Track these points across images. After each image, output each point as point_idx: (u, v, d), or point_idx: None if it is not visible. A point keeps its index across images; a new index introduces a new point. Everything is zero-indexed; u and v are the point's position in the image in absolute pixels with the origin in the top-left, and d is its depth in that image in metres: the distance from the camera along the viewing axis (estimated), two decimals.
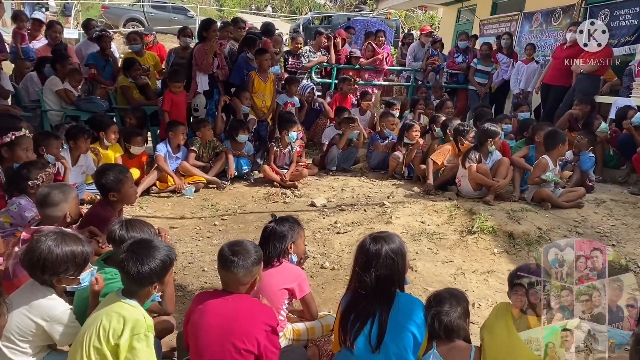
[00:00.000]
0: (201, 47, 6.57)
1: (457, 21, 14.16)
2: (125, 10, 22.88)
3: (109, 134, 5.56)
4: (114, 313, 2.18)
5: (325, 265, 4.11)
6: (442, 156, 6.05)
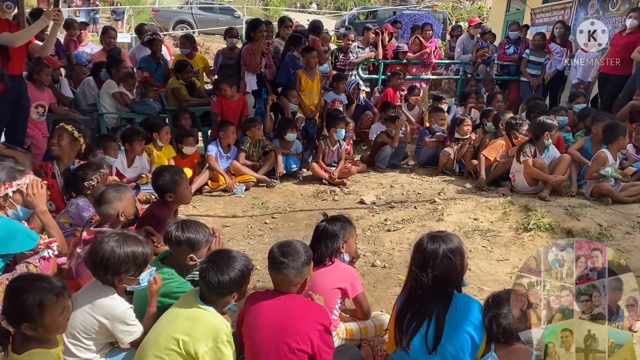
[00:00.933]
0: (249, 47, 6.64)
1: (507, 11, 13.74)
2: (175, 12, 23.46)
3: (162, 135, 5.71)
4: (194, 319, 2.26)
5: (376, 263, 4.08)
6: (495, 151, 5.89)
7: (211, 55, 14.82)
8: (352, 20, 22.10)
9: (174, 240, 2.71)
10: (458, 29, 11.19)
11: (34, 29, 4.80)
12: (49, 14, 4.66)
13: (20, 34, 4.72)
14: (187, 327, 2.24)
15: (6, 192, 2.78)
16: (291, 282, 2.41)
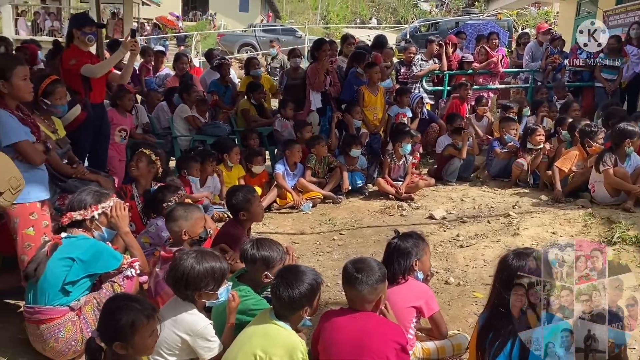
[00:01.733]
0: (314, 66, 6.74)
1: (577, 15, 13.21)
2: (239, 36, 24.25)
3: (232, 155, 5.88)
4: (270, 336, 2.30)
5: (449, 280, 3.98)
6: (569, 162, 5.64)
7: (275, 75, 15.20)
8: (414, 33, 21.97)
9: (250, 258, 2.78)
10: (525, 37, 10.86)
11: (113, 60, 5.09)
12: (126, 45, 4.93)
13: (101, 65, 5.00)
14: (264, 344, 2.28)
15: (92, 215, 2.93)
16: (365, 298, 2.40)
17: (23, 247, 3.17)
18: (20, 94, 3.21)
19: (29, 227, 3.16)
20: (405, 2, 38.71)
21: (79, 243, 2.82)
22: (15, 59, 3.40)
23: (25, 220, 3.16)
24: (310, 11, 38.99)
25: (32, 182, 3.06)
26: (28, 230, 3.16)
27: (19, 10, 20.53)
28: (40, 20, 20.20)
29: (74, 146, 4.58)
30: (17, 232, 3.16)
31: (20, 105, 3.29)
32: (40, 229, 3.20)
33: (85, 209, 2.91)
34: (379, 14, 39.92)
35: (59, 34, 18.99)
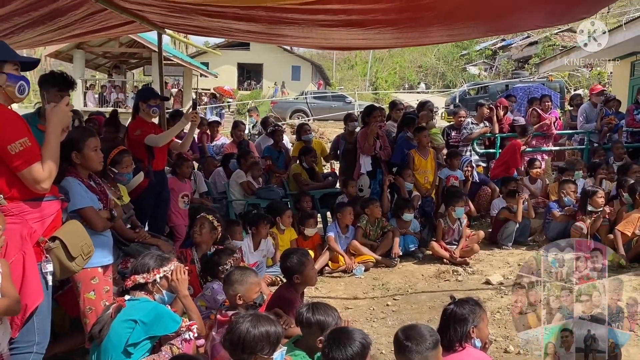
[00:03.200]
0: (363, 131, 6.91)
1: (631, 75, 13.01)
2: (291, 103, 25.17)
3: (284, 218, 5.99)
4: None
5: (509, 349, 3.82)
6: (631, 225, 5.43)
7: (325, 139, 15.55)
8: (463, 97, 22.15)
9: (305, 322, 2.80)
10: (578, 98, 10.78)
11: (175, 130, 5.40)
12: (188, 116, 5.24)
13: (163, 136, 5.31)
14: None
15: (154, 278, 3.05)
16: None
17: (85, 311, 3.30)
18: (91, 164, 3.43)
19: (90, 291, 3.30)
20: (453, 66, 39.29)
21: (141, 305, 2.93)
22: (87, 131, 3.65)
23: (87, 285, 3.29)
24: (359, 78, 40.15)
25: (94, 247, 3.21)
26: (89, 294, 3.29)
27: (88, 84, 22.14)
28: (106, 92, 21.69)
29: (136, 211, 4.82)
30: (80, 296, 3.30)
31: (92, 174, 3.52)
32: (100, 294, 3.34)
33: (148, 272, 3.03)
34: (427, 79, 40.60)
35: (124, 105, 20.27)
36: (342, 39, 6.00)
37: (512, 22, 5.50)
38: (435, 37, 6.20)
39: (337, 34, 5.47)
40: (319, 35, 5.57)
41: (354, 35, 5.66)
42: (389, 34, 5.42)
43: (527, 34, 33.47)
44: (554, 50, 24.60)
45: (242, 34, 6.39)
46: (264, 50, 33.95)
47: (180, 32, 8.22)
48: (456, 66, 39.21)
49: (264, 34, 5.86)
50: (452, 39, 9.45)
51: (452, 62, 39.60)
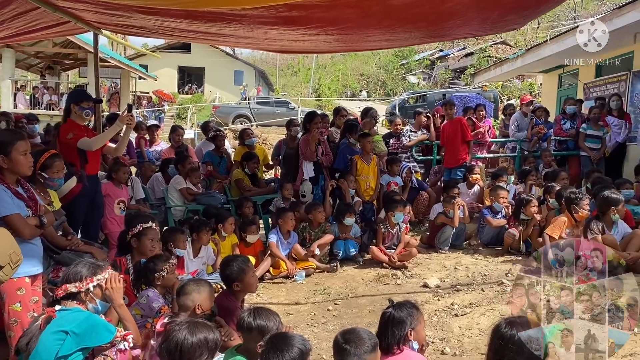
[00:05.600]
0: (305, 137, 6.96)
1: (559, 87, 13.76)
2: (234, 108, 24.96)
3: (226, 225, 5.91)
4: None
5: (445, 351, 3.93)
6: (558, 229, 5.72)
7: (268, 145, 15.52)
8: (402, 105, 22.70)
9: (246, 327, 2.78)
10: (510, 107, 11.27)
11: (109, 133, 5.21)
12: (122, 119, 5.07)
13: (97, 139, 5.12)
14: None
15: (87, 287, 2.93)
16: None
17: (9, 323, 3.14)
18: (20, 169, 3.27)
19: (16, 302, 3.14)
20: (393, 75, 40.21)
21: (73, 316, 2.80)
22: (15, 134, 3.48)
23: (13, 296, 3.14)
24: (302, 84, 40.35)
25: (22, 255, 3.06)
26: (14, 305, 3.14)
27: (18, 85, 21.07)
28: (38, 94, 20.71)
29: (68, 217, 4.62)
30: (4, 307, 3.14)
31: (20, 180, 3.35)
32: (27, 305, 3.18)
33: (81, 281, 2.91)
34: (368, 87, 41.33)
35: (57, 107, 19.43)
36: (284, 40, 6.00)
37: (446, 30, 5.68)
38: (374, 42, 6.33)
39: (278, 33, 5.47)
40: (260, 35, 5.54)
41: (295, 37, 5.68)
42: (329, 35, 5.48)
43: (464, 46, 34.83)
44: (488, 62, 25.65)
45: (182, 34, 6.27)
46: (206, 54, 33.51)
47: (118, 32, 7.98)
48: (396, 75, 40.16)
49: (203, 33, 5.78)
50: (390, 45, 9.66)
51: (392, 70, 40.53)
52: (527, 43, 25.97)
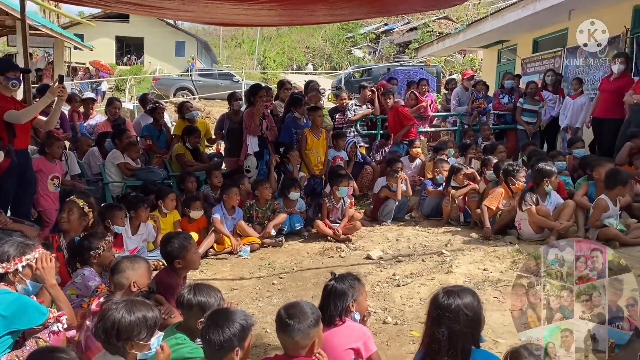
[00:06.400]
0: (249, 111, 6.84)
1: (498, 62, 14.15)
2: (175, 80, 24.18)
3: (167, 202, 5.77)
4: None
5: (387, 320, 4.02)
6: (495, 200, 5.93)
7: (212, 119, 15.18)
8: (348, 79, 22.72)
9: (186, 304, 2.73)
10: (452, 82, 11.50)
11: (39, 106, 4.93)
12: (53, 90, 4.80)
13: (26, 111, 4.84)
14: None
15: (16, 268, 2.79)
16: (299, 344, 2.38)
17: None
18: None
19: None
20: (339, 48, 40.06)
21: (1, 298, 2.66)
22: None
23: None
24: (247, 56, 39.56)
25: None
26: None
27: None
28: None
29: None
30: None
31: None
32: None
33: (8, 261, 2.76)
34: (314, 60, 41.05)
35: None
36: (226, 14, 5.84)
37: (390, 6, 5.68)
38: (319, 16, 6.27)
39: (220, 8, 5.31)
40: (201, 9, 5.37)
41: (239, 11, 5.53)
42: (273, 10, 5.36)
43: (408, 20, 35.05)
44: (431, 36, 25.98)
45: (118, 5, 5.98)
46: (145, 23, 32.14)
47: None
48: (342, 48, 40.01)
49: (141, 5, 5.53)
50: (335, 19, 9.61)
51: (338, 44, 40.34)
52: (468, 19, 26.42)
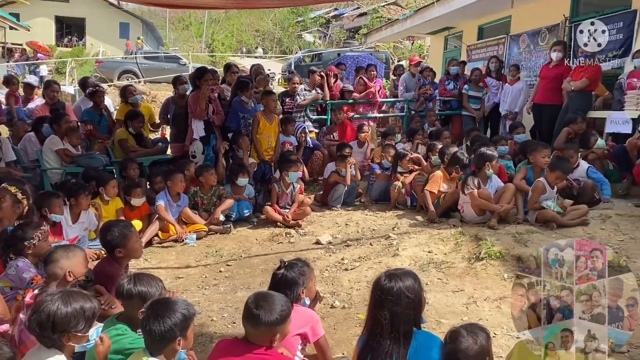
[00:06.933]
0: (195, 94, 6.67)
1: (445, 49, 14.38)
2: (119, 63, 23.32)
3: (108, 189, 5.58)
4: None
5: (335, 304, 4.05)
6: (436, 184, 6.06)
7: (158, 103, 14.75)
8: (298, 64, 22.57)
9: (126, 294, 2.64)
10: (400, 68, 11.62)
11: None
12: None
13: None
14: None
15: None
16: (261, 336, 2.35)
17: None
18: None
19: None
20: (289, 32, 39.71)
21: None
22: None
23: None
24: (194, 39, 38.61)
25: None
26: None
27: None
28: None
29: None
30: None
31: None
32: None
33: None
34: (264, 44, 40.53)
35: None
36: None
37: None
38: (266, 1, 6.15)
39: None
40: None
41: None
42: None
43: (357, 5, 35.07)
44: (380, 22, 26.12)
45: None
46: (87, 3, 30.88)
47: None
48: (292, 32, 39.67)
49: None
50: (282, 4, 9.48)
51: (288, 28, 39.97)
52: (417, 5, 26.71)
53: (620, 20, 8.11)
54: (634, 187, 6.41)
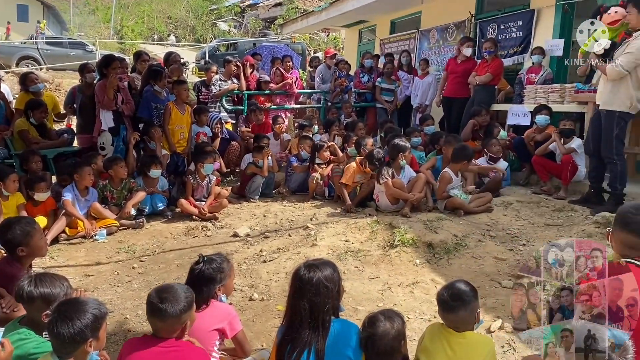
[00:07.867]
0: (102, 83, 6.33)
1: (359, 42, 14.66)
2: (17, 48, 21.69)
3: (7, 183, 5.18)
4: None
5: (253, 297, 4.04)
6: (350, 177, 6.21)
7: (62, 92, 13.87)
8: (213, 53, 22.12)
9: (27, 297, 2.47)
10: (316, 60, 11.71)
11: None
12: None
13: None
14: None
15: None
16: (170, 328, 2.31)
17: None
18: None
19: None
20: (203, 20, 38.73)
21: None
22: None
23: None
24: (102, 25, 36.60)
25: None
26: None
27: None
28: None
29: None
30: None
31: None
32: None
33: None
34: (177, 31, 39.24)
35: None
36: None
37: None
38: None
39: None
40: None
41: None
42: None
43: None
44: (296, 13, 26.14)
45: None
46: None
47: None
48: (206, 20, 38.72)
49: None
50: None
51: (202, 16, 38.96)
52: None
53: (520, 19, 8.67)
54: (532, 175, 6.91)
